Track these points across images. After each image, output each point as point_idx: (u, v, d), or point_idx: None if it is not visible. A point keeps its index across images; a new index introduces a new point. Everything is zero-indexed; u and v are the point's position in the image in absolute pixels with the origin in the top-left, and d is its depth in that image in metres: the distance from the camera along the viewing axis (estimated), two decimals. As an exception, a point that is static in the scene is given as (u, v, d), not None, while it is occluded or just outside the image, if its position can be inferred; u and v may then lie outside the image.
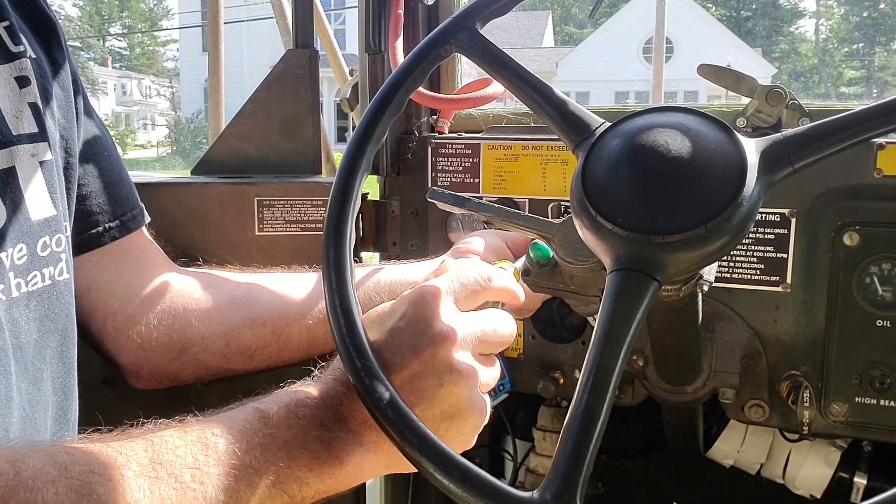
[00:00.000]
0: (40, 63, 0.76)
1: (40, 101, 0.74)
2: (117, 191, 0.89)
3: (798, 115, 0.99)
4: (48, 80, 0.77)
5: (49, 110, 0.76)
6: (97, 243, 0.86)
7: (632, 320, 0.52)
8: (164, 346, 0.89)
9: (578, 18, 40.36)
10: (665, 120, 0.57)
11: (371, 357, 0.58)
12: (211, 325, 0.90)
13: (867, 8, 37.13)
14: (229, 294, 0.92)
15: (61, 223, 0.74)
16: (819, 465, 1.09)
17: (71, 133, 0.80)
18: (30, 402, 0.71)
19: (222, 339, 0.90)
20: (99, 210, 0.86)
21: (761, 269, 0.99)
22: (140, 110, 39.62)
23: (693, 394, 0.99)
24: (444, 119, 1.22)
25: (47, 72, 0.77)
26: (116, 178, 0.89)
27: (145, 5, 41.92)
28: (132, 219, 0.89)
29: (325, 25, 3.08)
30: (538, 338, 1.10)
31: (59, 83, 0.80)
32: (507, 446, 1.29)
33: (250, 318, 0.90)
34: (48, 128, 0.74)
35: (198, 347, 0.90)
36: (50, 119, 0.76)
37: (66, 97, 0.81)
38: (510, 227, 0.78)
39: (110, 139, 0.91)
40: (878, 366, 0.94)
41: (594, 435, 0.49)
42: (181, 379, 0.92)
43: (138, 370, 0.91)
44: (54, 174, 0.74)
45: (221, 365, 0.91)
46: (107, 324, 0.88)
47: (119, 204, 0.88)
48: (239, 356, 0.91)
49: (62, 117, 0.79)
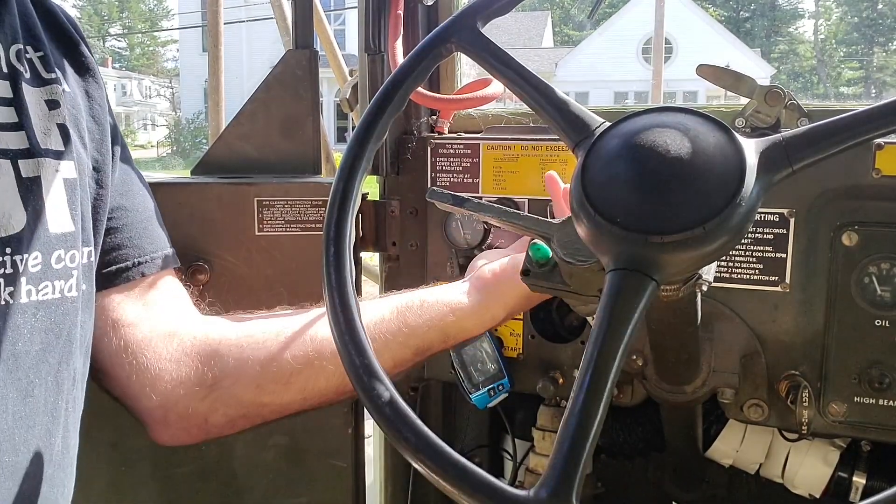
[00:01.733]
0: (73, 97, 0.79)
1: (69, 125, 0.76)
2: (150, 228, 0.89)
3: (797, 115, 0.99)
4: (80, 111, 0.80)
5: (78, 136, 0.78)
6: (124, 279, 0.85)
7: (630, 320, 0.52)
8: (193, 382, 0.87)
9: (578, 20, 40.37)
10: (664, 120, 0.57)
11: (370, 355, 0.58)
12: (242, 353, 0.88)
13: (866, 9, 37.14)
14: (261, 331, 0.90)
15: (78, 241, 0.75)
16: (818, 465, 1.09)
17: (104, 166, 0.82)
18: (14, 417, 0.68)
19: (256, 365, 0.88)
20: (129, 244, 0.86)
21: (760, 269, 0.99)
22: (140, 111, 39.59)
23: (692, 393, 0.99)
24: (443, 119, 1.22)
25: (80, 105, 0.80)
26: (149, 216, 0.90)
27: (145, 5, 41.92)
28: (162, 258, 0.89)
29: (325, 26, 3.08)
30: (537, 338, 1.10)
31: (94, 117, 0.82)
32: (507, 446, 1.29)
33: (286, 343, 0.89)
34: (75, 149, 0.76)
35: (230, 379, 0.87)
36: (79, 144, 0.78)
37: (101, 132, 0.82)
38: (509, 227, 0.78)
39: (141, 176, 0.92)
40: (876, 365, 0.94)
41: (591, 434, 0.49)
42: (210, 423, 0.89)
43: (165, 415, 0.87)
44: (76, 192, 0.75)
45: (255, 399, 0.88)
46: (134, 361, 0.85)
47: (150, 241, 0.88)
48: (273, 384, 0.88)
49: (94, 150, 0.81)
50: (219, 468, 1.20)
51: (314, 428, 1.18)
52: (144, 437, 1.19)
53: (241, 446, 1.19)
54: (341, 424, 1.18)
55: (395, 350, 0.89)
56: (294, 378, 0.88)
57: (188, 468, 1.20)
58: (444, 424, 1.35)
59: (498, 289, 0.92)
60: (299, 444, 1.19)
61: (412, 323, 0.90)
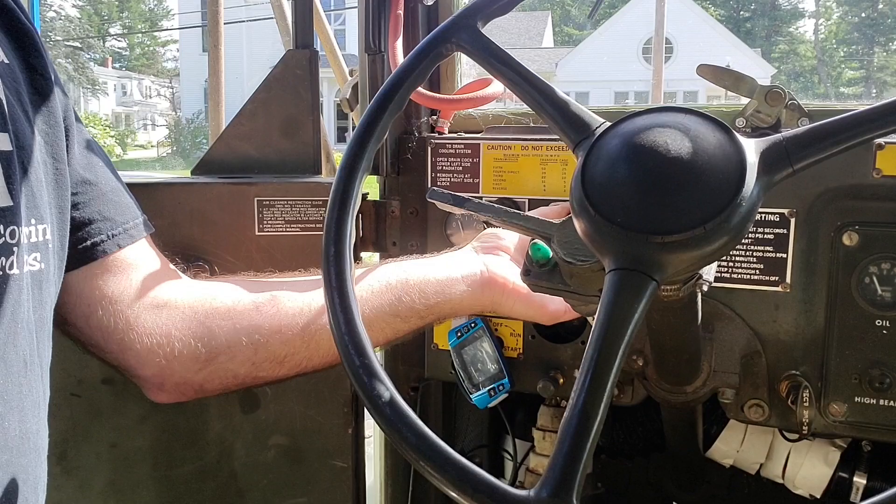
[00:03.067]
0: (12, 69, 0.75)
1: (4, 96, 0.72)
2: (118, 200, 0.87)
3: (797, 115, 0.99)
4: (20, 83, 0.75)
5: (20, 108, 0.74)
6: (101, 253, 0.84)
7: (630, 320, 0.52)
8: (188, 357, 0.87)
9: (578, 20, 40.36)
10: (665, 120, 0.57)
11: (370, 355, 0.58)
12: (237, 334, 0.88)
13: (866, 8, 37.13)
14: (252, 301, 0.90)
15: (18, 216, 0.70)
16: (819, 465, 1.09)
17: (55, 139, 0.78)
18: None
19: (250, 347, 0.88)
20: (101, 218, 0.84)
21: (761, 269, 0.99)
22: (140, 110, 39.62)
23: (693, 394, 0.99)
24: (443, 119, 1.22)
25: (20, 77, 0.76)
26: (115, 187, 0.87)
27: (145, 6, 41.93)
28: (135, 227, 0.88)
29: (325, 26, 3.08)
30: (538, 338, 1.10)
31: (37, 89, 0.78)
32: (507, 446, 1.29)
33: (278, 326, 0.88)
34: (11, 121, 0.72)
35: (224, 357, 0.87)
36: (21, 117, 0.73)
37: (47, 105, 0.78)
38: (510, 227, 0.78)
39: (103, 152, 0.89)
40: (877, 365, 0.94)
41: (591, 434, 0.49)
42: (207, 390, 0.89)
43: (162, 382, 0.88)
44: (14, 166, 0.70)
45: (250, 373, 0.89)
46: (126, 337, 0.85)
47: (120, 213, 0.86)
48: (268, 364, 0.89)
49: (43, 122, 0.77)
50: (219, 468, 1.20)
51: (314, 428, 1.18)
52: (143, 437, 1.20)
53: (241, 446, 1.19)
54: (341, 424, 1.18)
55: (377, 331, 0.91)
56: (289, 359, 0.89)
57: (188, 468, 1.20)
58: (444, 424, 1.35)
59: (504, 303, 0.96)
60: (299, 444, 1.19)
61: (403, 313, 0.92)
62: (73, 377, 1.15)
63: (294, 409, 1.17)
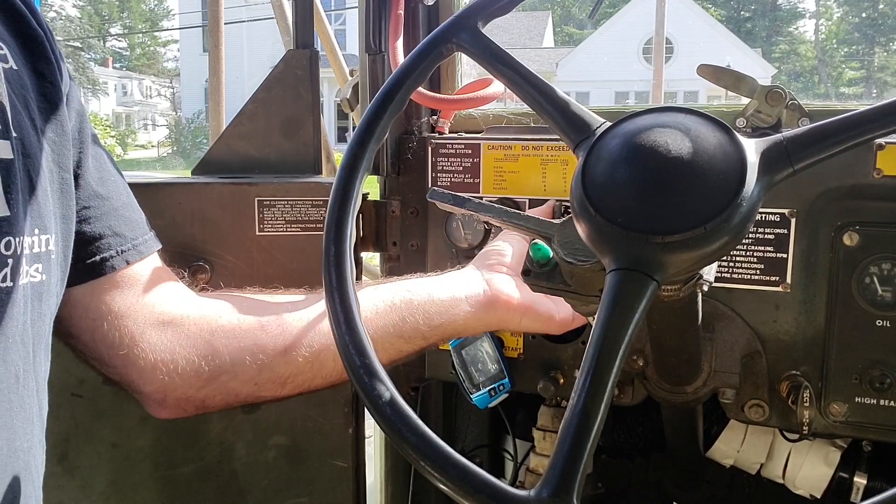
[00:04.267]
0: (19, 74, 0.74)
1: (9, 103, 0.70)
2: (128, 215, 0.86)
3: (798, 115, 0.99)
4: (27, 90, 0.74)
5: (27, 116, 0.72)
6: (109, 268, 0.83)
7: (630, 320, 0.52)
8: (191, 375, 0.86)
9: (578, 19, 40.35)
10: (665, 120, 0.57)
11: (370, 355, 0.58)
12: (241, 353, 0.87)
13: (866, 8, 37.12)
14: (257, 321, 0.89)
15: (16, 227, 0.68)
16: (819, 465, 1.09)
17: (62, 148, 0.77)
18: None
19: (254, 367, 0.87)
20: (111, 233, 0.83)
21: (761, 269, 0.99)
22: (140, 110, 39.61)
23: (693, 394, 0.99)
24: (444, 119, 1.22)
25: (27, 83, 0.74)
26: (126, 202, 0.87)
27: (145, 6, 41.95)
28: (144, 243, 0.87)
29: (326, 26, 3.08)
30: (538, 338, 1.10)
31: (45, 96, 0.76)
32: (508, 446, 1.29)
33: (283, 346, 0.88)
34: (14, 129, 0.70)
35: (227, 375, 0.87)
36: (28, 124, 0.72)
37: (56, 113, 0.77)
38: (510, 227, 0.78)
39: (116, 166, 0.89)
40: (877, 366, 0.94)
41: (591, 434, 0.49)
42: (208, 406, 0.89)
43: (163, 398, 0.87)
44: (14, 175, 0.69)
45: (252, 392, 0.89)
46: (130, 352, 0.84)
47: (130, 229, 0.86)
48: (271, 384, 0.89)
49: (51, 131, 0.76)
50: (219, 468, 1.20)
51: (314, 428, 1.18)
52: (144, 438, 1.20)
53: (241, 446, 1.19)
54: (341, 424, 1.18)
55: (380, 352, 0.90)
56: (291, 380, 0.89)
57: (188, 468, 1.20)
58: (444, 424, 1.35)
59: (511, 319, 0.96)
60: (299, 444, 1.19)
61: (407, 334, 0.91)
62: (75, 377, 1.15)
63: (295, 410, 1.17)
